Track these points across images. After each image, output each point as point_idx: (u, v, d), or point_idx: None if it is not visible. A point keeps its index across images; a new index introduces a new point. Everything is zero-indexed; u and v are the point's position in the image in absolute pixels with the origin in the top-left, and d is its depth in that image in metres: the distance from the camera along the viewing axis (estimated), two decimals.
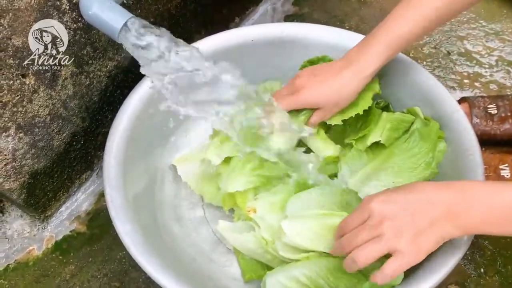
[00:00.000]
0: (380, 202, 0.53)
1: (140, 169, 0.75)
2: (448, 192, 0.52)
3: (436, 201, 0.51)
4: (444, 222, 0.51)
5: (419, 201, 0.52)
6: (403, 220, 0.51)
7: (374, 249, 0.51)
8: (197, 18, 0.94)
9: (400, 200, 0.53)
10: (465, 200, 0.50)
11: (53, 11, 0.63)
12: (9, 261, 0.80)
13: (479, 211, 0.50)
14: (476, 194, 0.51)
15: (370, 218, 0.53)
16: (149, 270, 0.60)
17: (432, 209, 0.51)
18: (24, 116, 0.67)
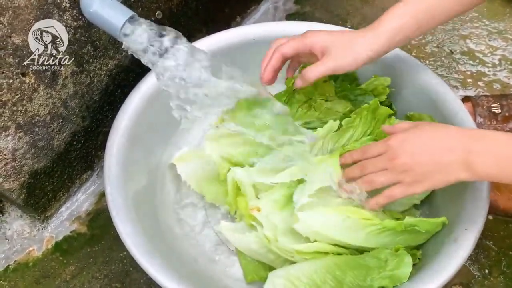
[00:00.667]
0: (400, 141, 0.57)
1: (141, 169, 0.75)
2: (469, 139, 0.53)
3: (455, 147, 0.53)
4: (458, 167, 0.53)
5: (438, 146, 0.54)
6: (418, 160, 0.55)
7: (383, 175, 0.58)
8: (199, 16, 0.94)
9: (419, 142, 0.56)
10: (484, 149, 0.52)
11: (53, 9, 0.62)
12: (9, 262, 0.79)
13: (496, 161, 0.51)
14: (495, 144, 0.52)
15: (386, 153, 0.58)
16: (151, 271, 0.60)
17: (449, 154, 0.53)
18: (24, 116, 0.67)
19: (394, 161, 0.57)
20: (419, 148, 0.56)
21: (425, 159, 0.55)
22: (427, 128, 0.57)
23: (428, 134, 0.56)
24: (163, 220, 0.75)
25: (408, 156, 0.56)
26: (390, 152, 0.57)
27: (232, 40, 0.82)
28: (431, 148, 0.55)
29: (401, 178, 0.57)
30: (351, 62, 0.62)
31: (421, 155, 0.55)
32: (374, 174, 0.59)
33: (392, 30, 0.62)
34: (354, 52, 0.62)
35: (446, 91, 0.73)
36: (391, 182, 0.58)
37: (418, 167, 0.55)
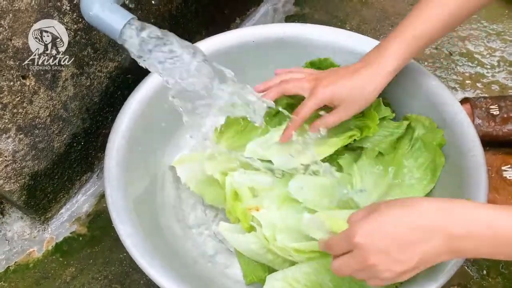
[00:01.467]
0: (365, 236, 0.47)
1: (141, 171, 0.75)
2: (445, 219, 0.46)
3: (433, 233, 0.46)
4: (440, 253, 0.46)
5: (415, 229, 0.46)
6: (395, 257, 0.47)
7: (361, 275, 0.50)
8: (198, 18, 0.94)
9: (390, 230, 0.47)
10: (471, 230, 0.45)
11: (54, 12, 0.63)
12: (9, 263, 0.79)
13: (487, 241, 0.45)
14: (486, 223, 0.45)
15: (354, 253, 0.49)
16: (150, 272, 0.60)
17: (428, 242, 0.46)
18: (25, 118, 0.67)
19: (367, 263, 0.48)
20: (393, 241, 0.46)
21: (404, 256, 0.47)
22: (394, 211, 0.48)
23: (398, 219, 0.47)
24: (163, 221, 0.75)
25: (382, 255, 0.47)
26: (359, 253, 0.48)
27: (231, 42, 0.82)
28: (406, 238, 0.46)
29: (381, 276, 0.48)
30: (363, 107, 0.67)
31: (397, 251, 0.46)
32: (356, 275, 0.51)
33: (396, 68, 0.65)
34: (363, 100, 0.65)
35: (445, 92, 0.74)
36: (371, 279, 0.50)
37: (396, 265, 0.47)
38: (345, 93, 0.65)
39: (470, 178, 0.65)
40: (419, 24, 0.63)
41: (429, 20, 0.63)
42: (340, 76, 0.66)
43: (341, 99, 0.65)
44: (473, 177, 0.65)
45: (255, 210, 0.68)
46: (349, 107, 0.66)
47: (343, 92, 0.65)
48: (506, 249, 0.45)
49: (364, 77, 0.64)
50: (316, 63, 0.81)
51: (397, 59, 0.64)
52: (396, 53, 0.64)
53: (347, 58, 0.80)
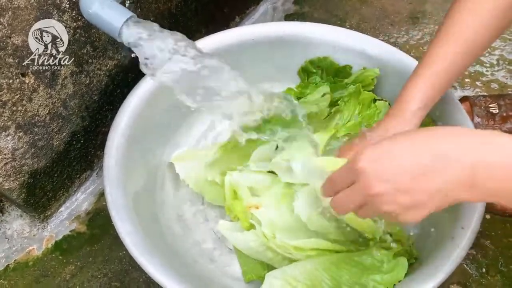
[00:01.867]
0: (371, 161, 0.41)
1: (140, 168, 0.75)
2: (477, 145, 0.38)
3: (451, 158, 0.38)
4: (459, 185, 0.38)
5: (436, 155, 0.38)
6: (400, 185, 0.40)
7: (366, 212, 0.45)
8: (198, 17, 0.94)
9: (402, 155, 0.40)
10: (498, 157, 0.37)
11: (53, 10, 0.63)
12: (8, 261, 0.79)
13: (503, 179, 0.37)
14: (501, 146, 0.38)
15: (357, 183, 0.43)
16: (150, 270, 0.60)
17: (444, 168, 0.38)
18: (24, 115, 0.67)
19: (370, 192, 0.42)
20: (402, 167, 0.40)
21: (414, 184, 0.39)
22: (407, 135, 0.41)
23: (413, 144, 0.40)
24: (162, 219, 0.75)
25: (388, 184, 0.40)
26: (362, 181, 0.42)
27: (231, 40, 0.82)
28: (422, 164, 0.39)
29: (383, 208, 0.42)
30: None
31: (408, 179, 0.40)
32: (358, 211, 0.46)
33: (419, 111, 0.60)
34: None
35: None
36: (377, 215, 0.46)
37: (404, 196, 0.40)
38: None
39: None
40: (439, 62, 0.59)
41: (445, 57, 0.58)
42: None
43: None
44: None
45: (254, 208, 0.68)
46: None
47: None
48: None
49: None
50: (315, 61, 0.81)
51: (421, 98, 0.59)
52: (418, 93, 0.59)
53: (347, 56, 0.80)
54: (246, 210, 0.68)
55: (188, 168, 0.77)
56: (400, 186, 0.40)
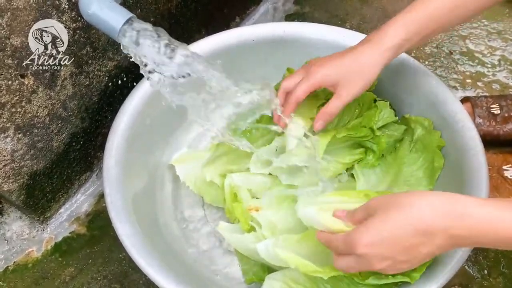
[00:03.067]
0: (368, 247, 0.48)
1: (140, 170, 0.75)
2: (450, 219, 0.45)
3: (435, 232, 0.46)
4: (441, 249, 0.47)
5: (416, 234, 0.46)
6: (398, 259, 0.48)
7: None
8: (198, 17, 0.93)
9: (392, 237, 0.47)
10: (471, 230, 0.45)
11: (52, 10, 0.62)
12: (8, 263, 0.79)
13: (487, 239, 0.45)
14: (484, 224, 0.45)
15: (359, 260, 0.49)
16: (149, 272, 0.60)
17: (432, 241, 0.46)
18: (23, 117, 0.67)
19: (374, 268, 0.49)
20: (395, 246, 0.47)
21: (408, 256, 0.47)
22: (393, 216, 0.47)
23: (398, 225, 0.47)
24: (162, 221, 0.75)
25: (387, 261, 0.48)
26: (364, 261, 0.49)
27: (231, 41, 0.82)
28: (409, 242, 0.46)
29: (388, 273, 0.51)
30: (364, 86, 0.62)
31: (402, 254, 0.47)
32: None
33: (396, 46, 0.60)
34: (364, 77, 0.61)
35: (445, 92, 0.73)
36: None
37: (403, 265, 0.49)
38: (341, 72, 0.61)
39: (471, 177, 0.65)
40: (422, 8, 0.60)
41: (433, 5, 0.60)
42: (336, 55, 0.63)
43: (338, 78, 0.61)
44: (474, 176, 0.65)
45: (254, 211, 0.68)
46: (349, 86, 0.61)
47: (339, 71, 0.61)
48: (507, 243, 0.45)
49: (362, 54, 0.61)
50: None
51: (398, 36, 0.60)
52: (396, 31, 0.60)
53: None
54: (246, 213, 0.68)
55: (188, 170, 0.77)
56: (398, 259, 0.48)
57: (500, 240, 0.45)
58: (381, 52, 0.60)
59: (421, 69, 0.76)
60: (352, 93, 0.62)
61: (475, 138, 0.68)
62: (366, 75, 0.61)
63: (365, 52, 0.61)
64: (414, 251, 0.47)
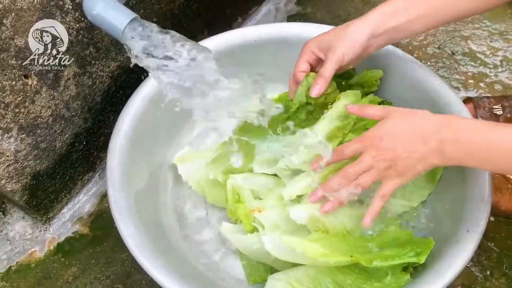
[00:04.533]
0: (378, 138, 0.58)
1: (143, 170, 0.75)
2: (439, 127, 0.55)
3: (429, 137, 0.55)
4: (432, 155, 0.55)
5: (414, 138, 0.56)
6: (399, 154, 0.56)
7: (368, 175, 0.59)
8: (200, 18, 0.94)
9: (397, 136, 0.57)
10: (456, 137, 0.54)
11: (56, 11, 0.62)
12: (11, 263, 0.79)
13: (464, 148, 0.54)
14: (466, 132, 0.54)
15: (368, 151, 0.58)
16: (153, 272, 0.60)
17: (425, 145, 0.55)
18: (27, 117, 0.67)
19: (380, 157, 0.57)
20: (399, 142, 0.57)
21: (406, 153, 0.56)
22: (399, 120, 0.58)
23: (402, 126, 0.58)
24: (165, 221, 0.75)
25: (390, 151, 0.57)
26: (373, 149, 0.58)
27: (233, 41, 0.82)
28: (409, 140, 0.56)
29: (385, 174, 0.58)
30: (351, 46, 0.64)
31: (402, 149, 0.56)
32: (360, 177, 0.60)
33: (382, 14, 0.64)
34: (350, 39, 0.64)
35: (448, 92, 0.73)
36: (376, 180, 0.59)
37: (400, 161, 0.57)
38: (329, 38, 0.66)
39: (473, 178, 0.65)
40: None
41: None
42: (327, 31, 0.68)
43: (327, 43, 0.66)
44: (476, 176, 0.65)
45: (257, 212, 0.68)
46: (336, 48, 0.65)
47: (328, 38, 0.66)
48: (488, 158, 0.53)
49: (349, 24, 0.65)
50: None
51: (384, 9, 0.64)
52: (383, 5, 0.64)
53: None
54: (249, 213, 0.68)
55: (190, 169, 0.77)
56: (399, 154, 0.56)
57: (490, 150, 0.52)
58: (367, 20, 0.64)
59: (424, 69, 0.76)
60: (338, 52, 0.65)
61: None
62: (352, 37, 0.64)
63: (353, 22, 0.65)
64: (411, 147, 0.56)
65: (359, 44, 0.64)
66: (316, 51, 0.67)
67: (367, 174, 0.59)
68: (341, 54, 0.64)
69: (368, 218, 0.60)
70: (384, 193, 0.59)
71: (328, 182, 0.62)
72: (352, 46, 0.64)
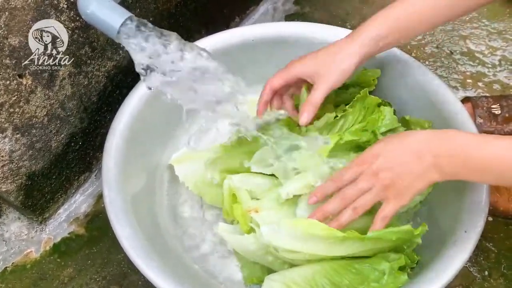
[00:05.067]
0: (376, 157, 0.57)
1: (139, 170, 0.74)
2: (434, 143, 0.55)
3: (423, 154, 0.55)
4: (430, 171, 0.55)
5: (410, 156, 0.55)
6: (397, 172, 0.56)
7: (367, 196, 0.58)
8: (197, 17, 0.93)
9: (393, 155, 0.57)
10: (450, 151, 0.54)
11: (51, 10, 0.62)
12: (6, 264, 0.79)
13: (461, 162, 0.53)
14: (461, 146, 0.53)
15: (366, 172, 0.57)
16: (148, 273, 0.60)
17: (421, 162, 0.55)
18: (21, 117, 0.66)
19: (377, 177, 0.56)
20: (395, 161, 0.56)
21: (403, 171, 0.55)
22: (395, 140, 0.58)
23: (398, 145, 0.57)
24: (161, 221, 0.75)
25: (388, 171, 0.56)
26: (369, 170, 0.57)
27: (231, 41, 0.82)
28: (405, 159, 0.55)
29: (384, 195, 0.57)
30: (340, 76, 0.64)
31: (398, 168, 0.56)
32: (358, 199, 0.58)
33: (371, 40, 0.64)
34: (340, 67, 0.64)
35: (446, 92, 0.73)
36: (375, 201, 0.58)
37: (399, 180, 0.56)
38: (317, 64, 0.64)
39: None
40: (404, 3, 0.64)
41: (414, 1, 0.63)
42: (314, 51, 0.66)
43: (314, 69, 0.64)
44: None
45: (254, 212, 0.68)
46: (325, 76, 0.64)
47: (315, 63, 0.65)
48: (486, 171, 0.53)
49: (337, 47, 0.64)
50: None
51: (375, 31, 0.63)
52: (374, 25, 0.63)
53: None
54: (245, 214, 0.68)
55: (187, 170, 0.76)
56: (397, 173, 0.56)
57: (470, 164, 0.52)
58: (357, 44, 0.63)
59: (422, 69, 0.76)
60: (328, 82, 0.64)
61: None
62: (342, 65, 0.64)
63: (341, 45, 0.64)
64: (408, 164, 0.55)
65: (349, 73, 0.64)
66: (300, 74, 0.66)
67: (365, 196, 0.58)
68: (331, 83, 0.64)
69: (369, 234, 0.59)
70: (384, 215, 0.58)
71: (326, 205, 0.60)
72: (342, 75, 0.64)
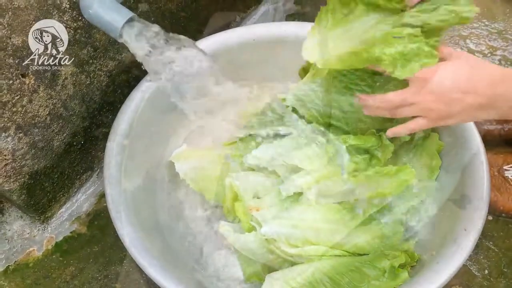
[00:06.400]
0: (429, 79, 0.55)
1: (141, 169, 0.75)
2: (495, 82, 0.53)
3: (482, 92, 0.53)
4: (482, 109, 0.53)
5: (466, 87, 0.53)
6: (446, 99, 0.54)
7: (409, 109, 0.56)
8: (198, 17, 0.94)
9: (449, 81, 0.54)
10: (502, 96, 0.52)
11: (53, 10, 0.62)
12: (9, 262, 0.79)
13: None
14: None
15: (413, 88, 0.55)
16: (150, 271, 0.60)
17: (476, 97, 0.53)
18: (24, 116, 0.67)
19: (423, 96, 0.55)
20: (448, 87, 0.54)
21: (453, 99, 0.54)
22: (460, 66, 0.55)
23: (458, 72, 0.54)
24: (162, 220, 0.75)
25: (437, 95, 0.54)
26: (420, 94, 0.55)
27: (232, 41, 0.82)
28: (460, 88, 0.53)
29: (426, 114, 0.56)
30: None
31: (449, 95, 0.54)
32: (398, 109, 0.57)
33: None
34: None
35: None
36: (414, 114, 0.57)
37: (445, 106, 0.54)
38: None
39: (471, 177, 0.65)
40: None
41: None
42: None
43: None
44: (474, 176, 0.65)
45: (255, 210, 0.68)
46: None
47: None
48: None
49: None
50: None
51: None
52: None
53: None
54: (247, 212, 0.68)
55: (188, 167, 0.77)
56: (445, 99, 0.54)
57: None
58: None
59: None
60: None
61: (476, 138, 0.68)
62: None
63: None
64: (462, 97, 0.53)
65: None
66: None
67: (406, 108, 0.56)
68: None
69: (389, 132, 0.60)
70: (412, 128, 0.58)
71: (367, 97, 0.59)
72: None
